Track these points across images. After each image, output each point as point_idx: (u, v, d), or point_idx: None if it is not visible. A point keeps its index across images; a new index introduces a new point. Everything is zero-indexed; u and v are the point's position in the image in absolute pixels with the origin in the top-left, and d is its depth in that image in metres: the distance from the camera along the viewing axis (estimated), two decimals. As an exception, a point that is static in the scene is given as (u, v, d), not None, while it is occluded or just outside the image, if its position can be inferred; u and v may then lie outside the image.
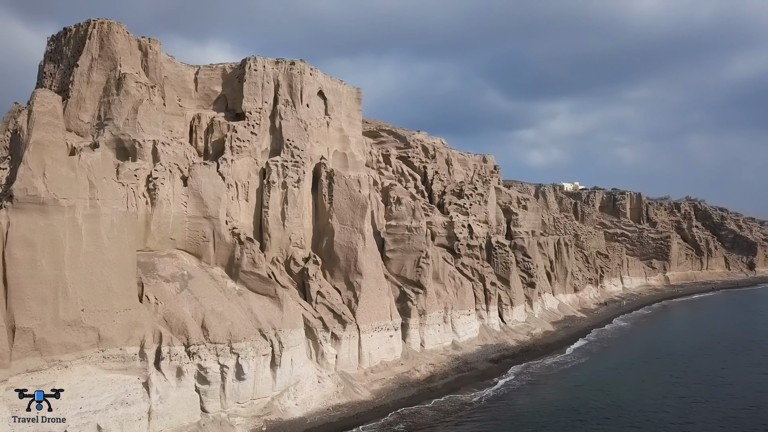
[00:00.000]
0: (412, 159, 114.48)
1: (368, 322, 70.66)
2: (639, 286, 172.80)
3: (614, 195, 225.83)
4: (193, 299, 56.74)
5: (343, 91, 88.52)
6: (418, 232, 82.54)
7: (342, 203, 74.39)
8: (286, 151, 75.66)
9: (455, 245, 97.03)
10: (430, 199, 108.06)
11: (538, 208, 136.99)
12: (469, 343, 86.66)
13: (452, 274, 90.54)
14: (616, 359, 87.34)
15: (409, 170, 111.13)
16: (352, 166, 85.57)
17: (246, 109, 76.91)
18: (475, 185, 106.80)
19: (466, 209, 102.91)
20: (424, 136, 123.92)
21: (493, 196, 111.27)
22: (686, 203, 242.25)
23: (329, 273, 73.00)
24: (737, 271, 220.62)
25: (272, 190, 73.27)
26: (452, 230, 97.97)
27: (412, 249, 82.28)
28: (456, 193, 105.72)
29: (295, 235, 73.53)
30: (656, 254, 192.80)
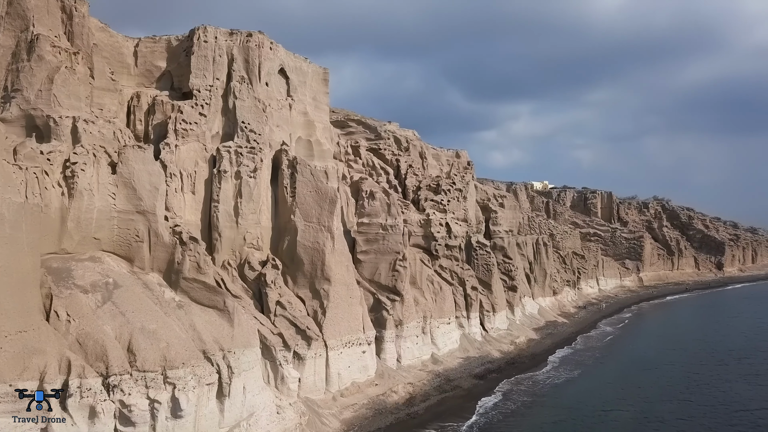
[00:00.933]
0: (384, 151, 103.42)
1: (337, 337, 59.32)
2: (614, 287, 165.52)
3: (585, 194, 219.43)
4: (119, 315, 44.48)
5: (308, 70, 76.86)
6: (394, 230, 71.52)
7: (307, 197, 62.84)
8: (241, 135, 63.75)
9: (432, 245, 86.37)
10: (404, 195, 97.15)
11: (516, 206, 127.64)
12: (450, 356, 76.08)
13: (431, 278, 79.83)
14: (610, 371, 78.03)
15: (380, 163, 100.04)
16: (318, 156, 74.07)
17: (194, 87, 64.70)
18: (453, 180, 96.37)
19: (444, 206, 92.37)
20: (396, 128, 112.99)
21: (472, 192, 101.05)
22: (654, 203, 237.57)
23: (291, 279, 61.36)
24: (706, 271, 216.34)
25: (224, 181, 61.31)
26: (429, 229, 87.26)
27: (387, 250, 71.22)
28: (432, 189, 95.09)
29: (250, 234, 61.67)
30: (629, 254, 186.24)
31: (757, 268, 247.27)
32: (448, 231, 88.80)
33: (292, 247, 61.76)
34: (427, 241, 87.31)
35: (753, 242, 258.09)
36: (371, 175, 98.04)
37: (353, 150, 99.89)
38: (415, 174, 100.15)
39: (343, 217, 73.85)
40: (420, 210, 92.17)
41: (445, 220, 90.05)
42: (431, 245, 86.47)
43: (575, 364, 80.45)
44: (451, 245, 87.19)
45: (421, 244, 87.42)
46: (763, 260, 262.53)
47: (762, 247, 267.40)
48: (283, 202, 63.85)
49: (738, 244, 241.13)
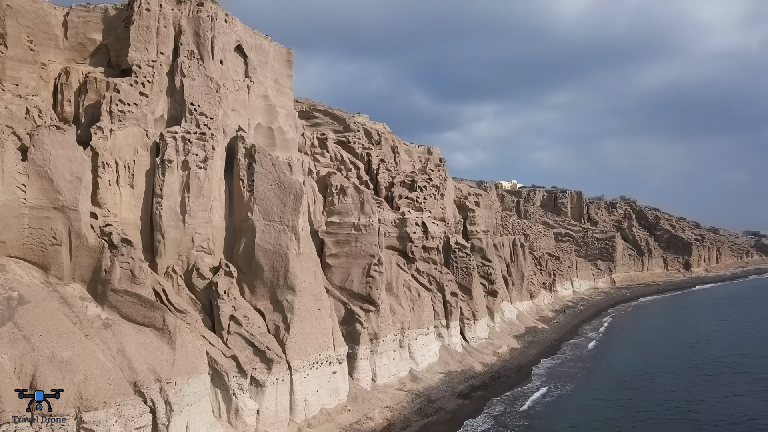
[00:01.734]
0: (353, 144, 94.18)
1: (304, 356, 49.82)
2: (588, 289, 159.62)
3: (555, 193, 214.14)
4: (21, 339, 34.20)
5: (269, 48, 67.05)
6: (368, 230, 62.36)
7: (267, 191, 53.14)
8: (190, 119, 53.71)
9: (408, 247, 77.44)
10: (376, 192, 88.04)
11: (491, 204, 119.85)
12: (430, 371, 67.31)
13: (408, 283, 70.90)
14: (604, 386, 70.40)
15: (350, 157, 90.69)
16: (281, 145, 64.41)
17: (134, 62, 54.30)
18: (430, 176, 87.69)
19: (420, 204, 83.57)
20: (366, 120, 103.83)
21: (450, 189, 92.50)
22: (622, 203, 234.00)
23: (249, 289, 51.62)
24: (674, 271, 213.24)
25: (168, 173, 51.24)
26: (404, 229, 78.31)
27: (360, 253, 62.00)
28: (407, 185, 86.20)
29: (200, 235, 51.69)
30: (601, 255, 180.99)
31: (721, 268, 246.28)
32: (424, 231, 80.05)
33: (249, 250, 51.98)
34: (402, 243, 78.38)
35: (717, 242, 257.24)
36: (340, 170, 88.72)
37: (320, 142, 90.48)
38: (388, 169, 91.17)
39: (310, 215, 64.41)
40: (394, 208, 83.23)
41: (421, 219, 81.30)
42: (407, 247, 77.55)
43: (566, 378, 72.54)
44: (429, 247, 78.47)
45: (396, 246, 78.45)
46: (726, 260, 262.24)
47: (725, 247, 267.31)
48: (239, 198, 54.00)
49: (703, 244, 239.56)
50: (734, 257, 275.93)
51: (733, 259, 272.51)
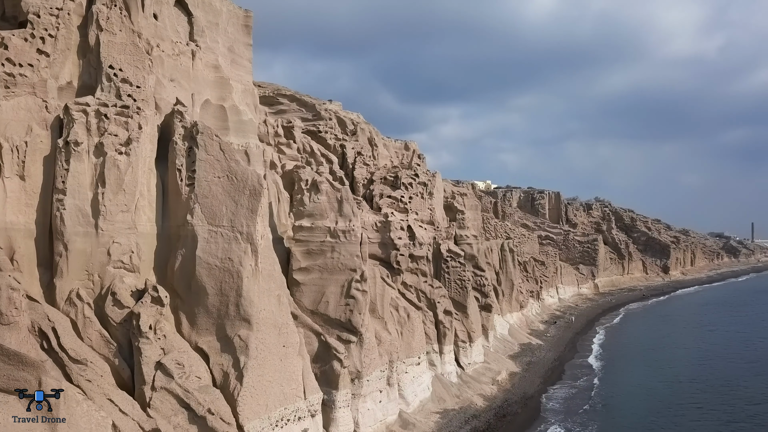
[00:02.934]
0: (325, 134, 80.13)
1: (263, 414, 35.60)
2: (572, 295, 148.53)
3: (532, 194, 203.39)
4: None
5: (221, 8, 52.46)
6: (348, 238, 48.41)
7: (214, 187, 38.68)
8: (108, 87, 38.97)
9: (393, 256, 63.80)
10: (353, 190, 74.27)
11: (477, 206, 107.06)
12: (423, 412, 53.72)
13: (395, 302, 57.16)
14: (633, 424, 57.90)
15: (321, 149, 76.53)
16: (235, 128, 50.07)
17: (31, 9, 39.24)
18: (416, 171, 74.04)
19: (405, 204, 69.95)
20: (339, 107, 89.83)
21: (439, 187, 78.97)
22: (597, 204, 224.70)
23: (188, 320, 37.09)
24: (654, 275, 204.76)
25: (75, 160, 36.50)
26: (387, 234, 64.66)
27: (338, 267, 47.96)
28: (389, 182, 72.50)
29: (119, 246, 36.94)
30: (583, 259, 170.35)
31: (696, 271, 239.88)
32: (411, 237, 66.47)
33: (188, 267, 37.43)
34: (385, 251, 64.69)
35: (691, 245, 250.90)
36: (309, 163, 74.48)
37: (285, 131, 76.18)
38: (366, 164, 77.33)
39: (273, 219, 50.19)
40: (374, 209, 69.48)
41: (407, 222, 67.71)
42: (391, 256, 63.89)
43: (584, 415, 59.78)
44: (417, 256, 64.91)
45: (378, 255, 64.72)
46: (699, 263, 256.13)
47: (698, 249, 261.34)
48: (176, 195, 39.41)
49: (679, 246, 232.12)
50: (706, 260, 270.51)
51: (705, 261, 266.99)
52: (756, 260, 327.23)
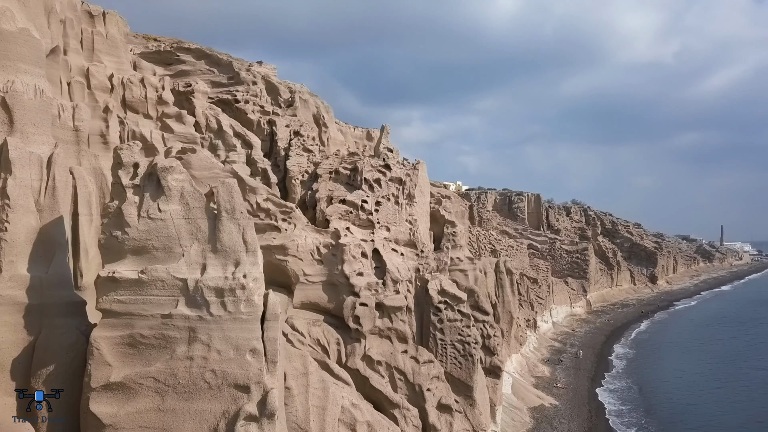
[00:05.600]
0: (245, 105, 51.08)
1: None
2: (565, 316, 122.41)
3: (509, 196, 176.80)
4: None
5: None
6: (234, 308, 19.40)
7: None
8: None
9: (348, 307, 35.21)
10: (284, 191, 45.53)
11: (464, 212, 79.10)
12: None
13: (349, 417, 28.23)
14: None
15: (236, 126, 47.45)
16: None
17: None
18: (387, 162, 45.17)
19: (369, 215, 41.25)
20: (271, 71, 60.79)
21: (425, 187, 49.79)
22: (576, 207, 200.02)
23: None
24: (642, 285, 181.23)
25: None
26: (338, 267, 36.15)
27: (202, 384, 18.91)
28: (344, 179, 43.63)
29: None
30: (572, 271, 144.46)
31: (679, 279, 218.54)
32: (380, 271, 38.06)
33: None
34: (334, 296, 36.15)
35: (674, 251, 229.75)
36: (214, 148, 45.68)
37: (179, 98, 47.37)
38: (308, 150, 48.40)
39: (60, 262, 20.87)
40: (318, 223, 40.79)
41: (372, 245, 39.21)
42: (345, 306, 35.30)
43: None
44: (390, 306, 36.31)
45: (322, 304, 36.20)
46: (680, 269, 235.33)
47: (678, 255, 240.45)
48: None
49: (662, 253, 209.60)
50: (685, 265, 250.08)
51: (684, 267, 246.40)
52: (729, 264, 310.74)
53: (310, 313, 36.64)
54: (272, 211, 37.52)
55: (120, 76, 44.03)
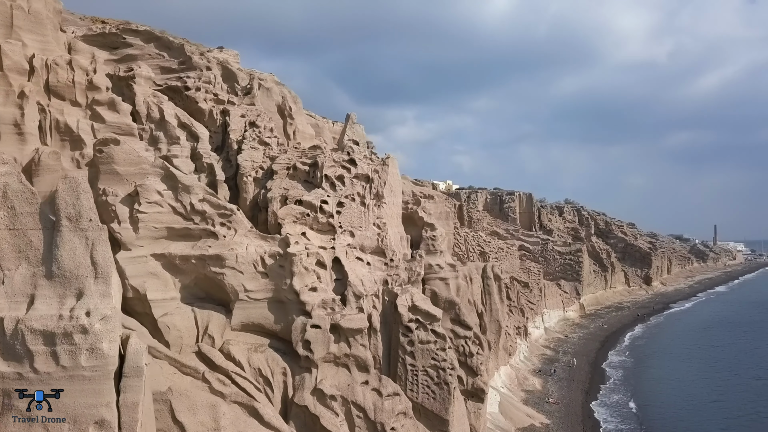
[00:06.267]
0: (196, 93, 44.87)
1: None
2: (558, 322, 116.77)
3: (500, 195, 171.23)
4: None
5: None
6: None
7: None
8: None
9: (297, 330, 29.11)
10: (234, 192, 39.34)
11: (449, 213, 73.03)
12: None
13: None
14: None
15: (182, 116, 41.18)
16: None
17: None
18: (351, 156, 39.01)
19: (329, 218, 35.14)
20: (232, 57, 54.51)
21: (396, 186, 43.51)
22: (569, 207, 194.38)
23: None
24: (636, 287, 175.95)
25: None
26: (286, 281, 30.04)
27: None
28: (301, 175, 37.49)
29: None
30: (564, 273, 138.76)
31: (674, 280, 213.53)
32: (341, 284, 32.06)
33: None
34: (282, 317, 30.10)
35: (668, 251, 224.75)
36: (155, 141, 39.51)
37: (121, 84, 41.32)
38: (264, 143, 42.19)
39: None
40: (270, 226, 34.74)
41: (332, 253, 33.19)
42: (294, 329, 29.24)
43: None
44: (349, 328, 30.20)
45: (268, 325, 30.18)
46: (674, 269, 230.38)
47: (672, 255, 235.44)
48: None
49: (657, 253, 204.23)
50: (679, 266, 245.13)
51: (678, 267, 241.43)
52: (723, 264, 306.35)
53: (253, 337, 30.57)
54: (208, 213, 31.39)
55: (43, 57, 37.86)
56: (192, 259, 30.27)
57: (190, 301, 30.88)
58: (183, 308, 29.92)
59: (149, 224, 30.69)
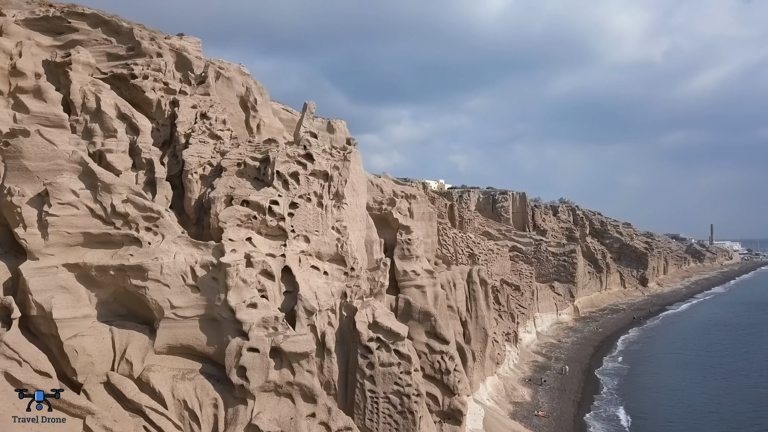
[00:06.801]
0: (143, 82, 40.23)
1: None
2: (551, 325, 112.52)
3: (493, 195, 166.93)
4: None
5: None
6: None
7: None
8: None
9: (232, 354, 24.58)
10: (180, 187, 34.70)
11: (431, 213, 68.51)
12: None
13: None
14: None
15: (122, 106, 36.54)
16: None
17: None
18: (309, 150, 34.57)
19: (279, 220, 30.64)
20: (192, 45, 49.86)
21: (360, 184, 38.90)
22: (563, 207, 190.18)
23: None
24: (632, 288, 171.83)
25: None
26: (220, 296, 25.46)
27: None
28: (253, 172, 32.99)
29: None
30: (558, 275, 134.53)
31: (670, 280, 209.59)
32: (289, 299, 27.53)
33: None
34: (214, 338, 25.56)
35: (664, 251, 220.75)
36: (89, 133, 34.99)
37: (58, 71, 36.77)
38: (216, 135, 37.61)
39: None
40: (213, 232, 30.24)
41: (281, 262, 28.73)
42: (228, 353, 24.71)
43: None
44: (293, 353, 25.65)
45: (198, 347, 25.61)
46: (671, 269, 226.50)
47: (669, 255, 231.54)
48: None
49: (653, 253, 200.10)
50: (675, 266, 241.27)
51: (675, 268, 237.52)
52: (720, 264, 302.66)
53: (182, 361, 26.08)
54: (132, 216, 26.89)
55: (-40, 38, 33.41)
56: (110, 270, 25.78)
57: (109, 319, 26.40)
58: (98, 328, 25.42)
59: (61, 229, 26.22)
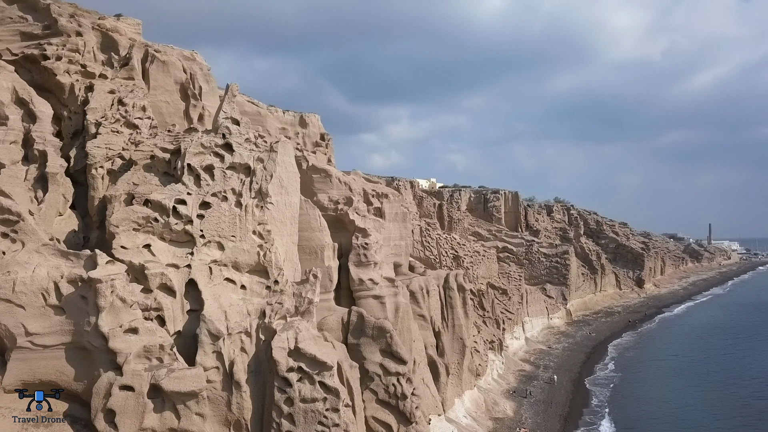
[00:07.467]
0: (55, 64, 34.83)
1: None
2: (542, 330, 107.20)
3: (484, 194, 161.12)
4: None
5: None
6: None
7: None
8: None
9: (102, 395, 19.21)
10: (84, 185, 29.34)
11: (405, 213, 63.03)
12: None
13: None
14: None
15: (21, 91, 31.14)
16: None
17: None
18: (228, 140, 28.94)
19: (188, 224, 25.30)
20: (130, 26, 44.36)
21: (291, 181, 33.44)
22: (558, 206, 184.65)
23: None
24: (628, 290, 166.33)
25: None
26: (93, 322, 20.06)
27: None
28: (163, 165, 27.63)
29: None
30: (551, 277, 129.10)
31: (667, 281, 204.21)
32: (196, 317, 22.16)
33: None
34: (84, 371, 20.25)
35: (662, 252, 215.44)
36: (-28, 121, 29.26)
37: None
38: (132, 124, 32.21)
39: None
40: (108, 235, 24.86)
41: (186, 274, 23.35)
42: (93, 393, 19.36)
43: None
44: (177, 392, 20.32)
45: (62, 383, 20.24)
46: (668, 270, 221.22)
47: (666, 255, 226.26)
48: None
49: (650, 254, 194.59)
50: (673, 266, 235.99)
51: (672, 268, 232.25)
52: (718, 264, 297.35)
53: (41, 402, 20.71)
54: None
55: None
56: (-47, 288, 20.49)
57: (-46, 348, 21.09)
58: (-65, 360, 20.10)
59: None
